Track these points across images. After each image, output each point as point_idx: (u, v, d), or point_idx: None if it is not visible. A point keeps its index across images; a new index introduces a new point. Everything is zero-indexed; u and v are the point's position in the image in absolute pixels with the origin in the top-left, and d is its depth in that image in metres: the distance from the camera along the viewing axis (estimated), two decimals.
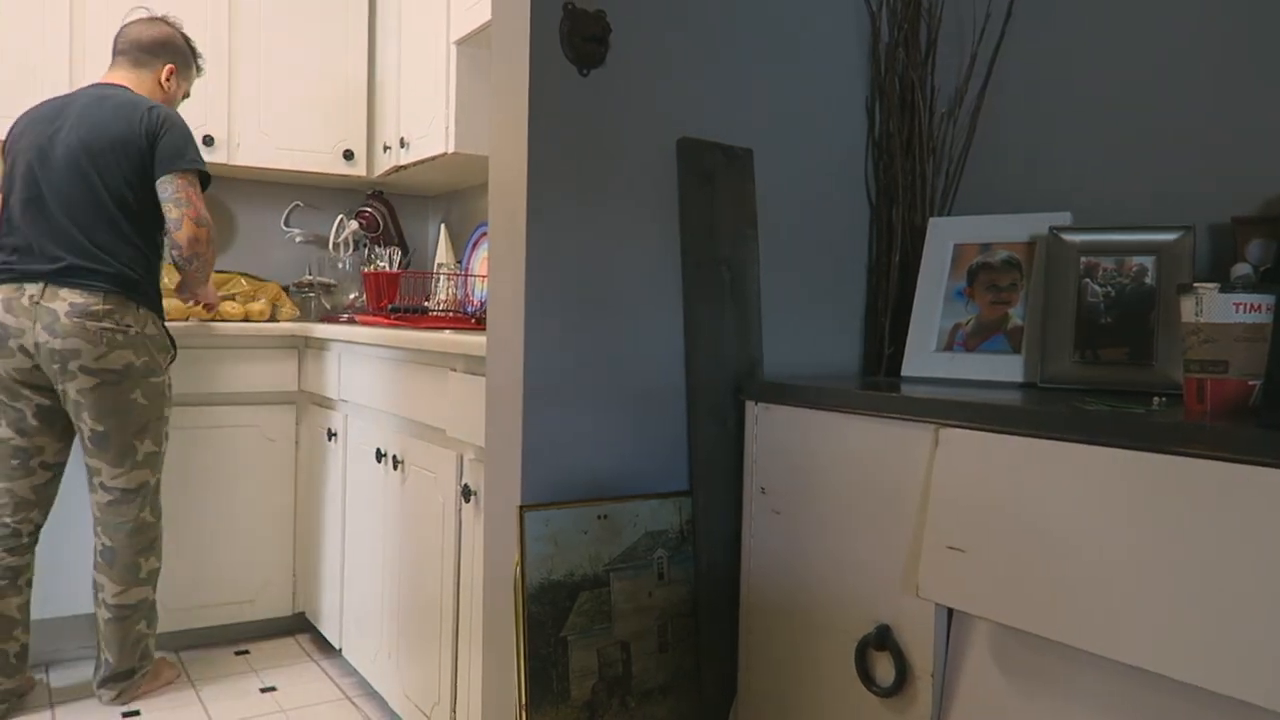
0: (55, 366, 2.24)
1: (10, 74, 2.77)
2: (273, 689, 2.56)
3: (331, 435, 2.63)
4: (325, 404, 2.75)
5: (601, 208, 1.40)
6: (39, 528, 2.37)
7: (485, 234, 2.85)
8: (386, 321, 2.63)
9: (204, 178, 2.41)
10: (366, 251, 3.30)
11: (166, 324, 2.44)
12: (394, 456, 2.19)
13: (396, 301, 2.83)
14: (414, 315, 2.69)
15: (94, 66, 2.82)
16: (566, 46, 1.35)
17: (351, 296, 3.37)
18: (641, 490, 1.45)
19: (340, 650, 2.60)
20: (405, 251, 3.35)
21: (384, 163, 3.23)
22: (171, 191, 2.35)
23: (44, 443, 2.34)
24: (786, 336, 1.60)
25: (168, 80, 2.52)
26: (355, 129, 3.28)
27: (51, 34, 2.81)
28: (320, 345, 2.74)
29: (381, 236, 3.34)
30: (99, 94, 2.39)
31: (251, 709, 2.43)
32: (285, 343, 2.86)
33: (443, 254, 3.22)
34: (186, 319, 2.83)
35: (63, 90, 2.76)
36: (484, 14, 2.49)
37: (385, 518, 2.27)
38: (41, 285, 2.24)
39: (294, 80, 3.17)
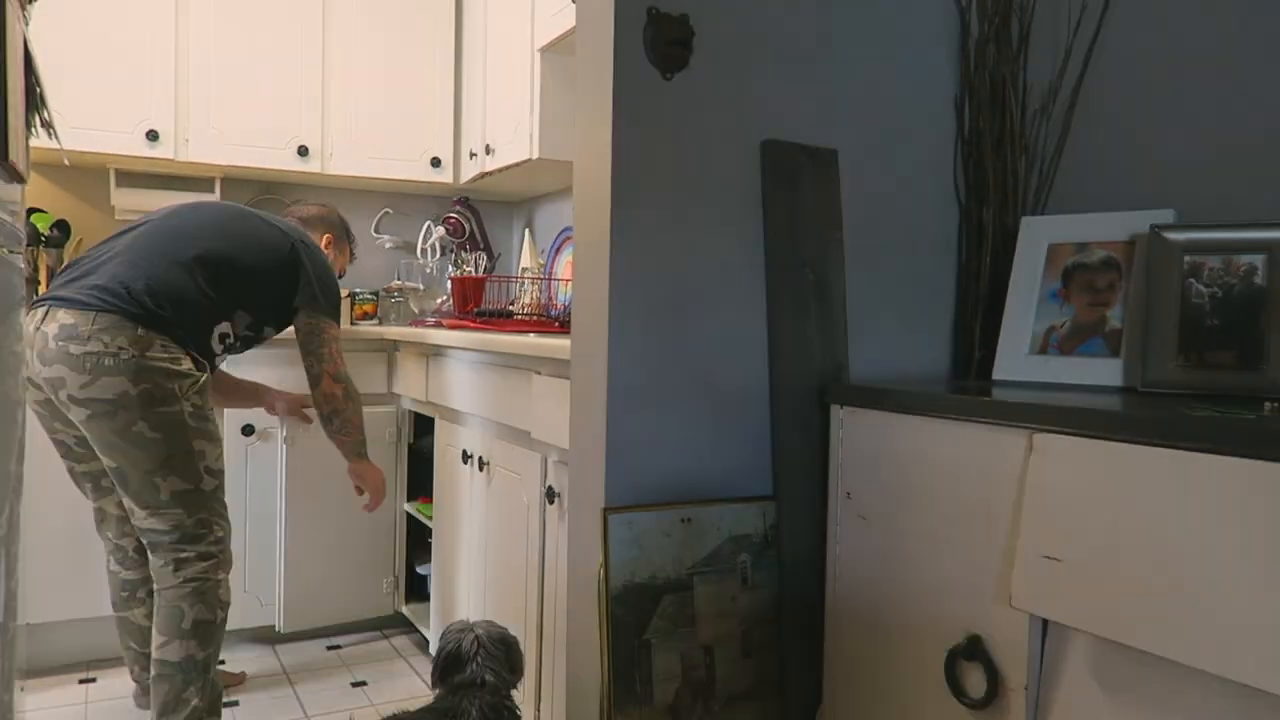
0: (52, 397, 2.00)
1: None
2: (363, 684, 2.62)
3: (422, 438, 2.69)
4: (415, 407, 2.81)
5: (685, 211, 1.40)
6: (136, 546, 2.28)
7: (568, 238, 2.88)
8: (472, 325, 2.68)
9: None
10: (453, 256, 3.37)
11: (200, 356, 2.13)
12: (480, 458, 2.23)
13: (482, 305, 2.88)
14: (499, 319, 2.73)
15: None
16: (650, 51, 1.35)
17: (439, 301, 3.44)
18: (724, 494, 1.44)
19: (430, 647, 2.65)
20: (490, 256, 3.40)
21: (470, 169, 3.29)
22: (312, 344, 2.26)
23: (97, 466, 2.17)
24: (872, 340, 1.58)
25: (326, 248, 2.56)
26: (442, 137, 3.35)
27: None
28: (409, 349, 2.80)
29: (467, 242, 3.40)
30: (245, 213, 2.31)
31: (343, 702, 2.50)
32: (375, 346, 2.93)
33: (526, 258, 3.27)
34: None
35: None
36: (568, 21, 2.52)
37: (471, 518, 2.31)
38: (44, 310, 2.00)
39: (383, 90, 3.26)
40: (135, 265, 2.06)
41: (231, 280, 2.16)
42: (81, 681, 2.58)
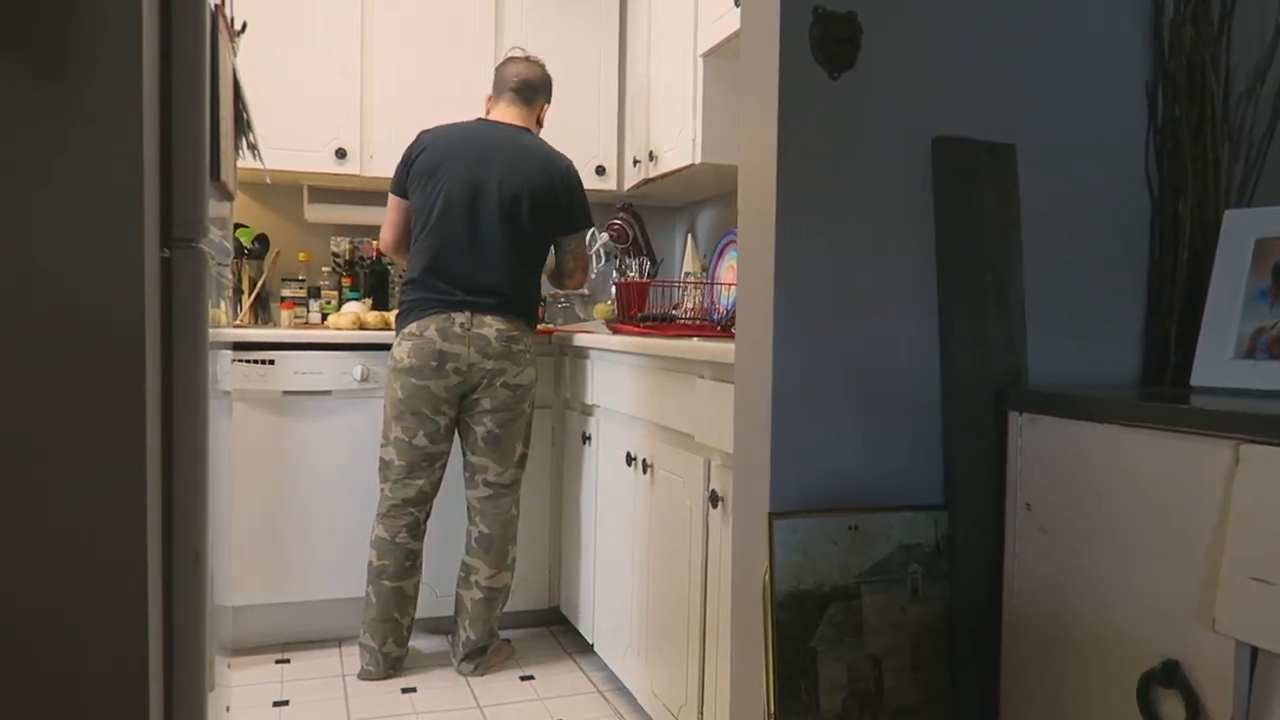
0: (482, 382, 2.61)
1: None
2: (530, 677, 2.71)
3: (586, 439, 2.75)
4: (580, 408, 2.88)
5: (852, 212, 1.37)
6: (428, 518, 2.71)
7: (730, 242, 2.88)
8: (637, 330, 2.72)
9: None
10: (617, 262, 3.43)
11: None
12: (643, 460, 2.26)
13: (645, 310, 2.92)
14: (662, 323, 2.76)
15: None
16: (816, 50, 1.33)
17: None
18: (891, 502, 1.40)
19: (592, 645, 2.71)
20: (653, 261, 3.45)
21: (633, 176, 3.35)
22: (573, 246, 2.82)
23: (445, 449, 2.68)
24: (1054, 343, 1.50)
25: (542, 115, 2.86)
26: (607, 144, 3.42)
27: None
28: (576, 353, 2.88)
29: (631, 247, 3.46)
30: (513, 140, 2.71)
31: (512, 694, 2.59)
32: (543, 350, 3.02)
33: (689, 263, 3.29)
34: None
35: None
36: (730, 26, 2.52)
37: (634, 520, 2.34)
38: (469, 314, 2.58)
39: (557, 100, 3.35)
40: (507, 266, 2.66)
41: (539, 250, 2.79)
42: (278, 662, 2.79)
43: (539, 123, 2.86)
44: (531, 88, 2.79)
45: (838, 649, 1.33)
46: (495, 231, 2.62)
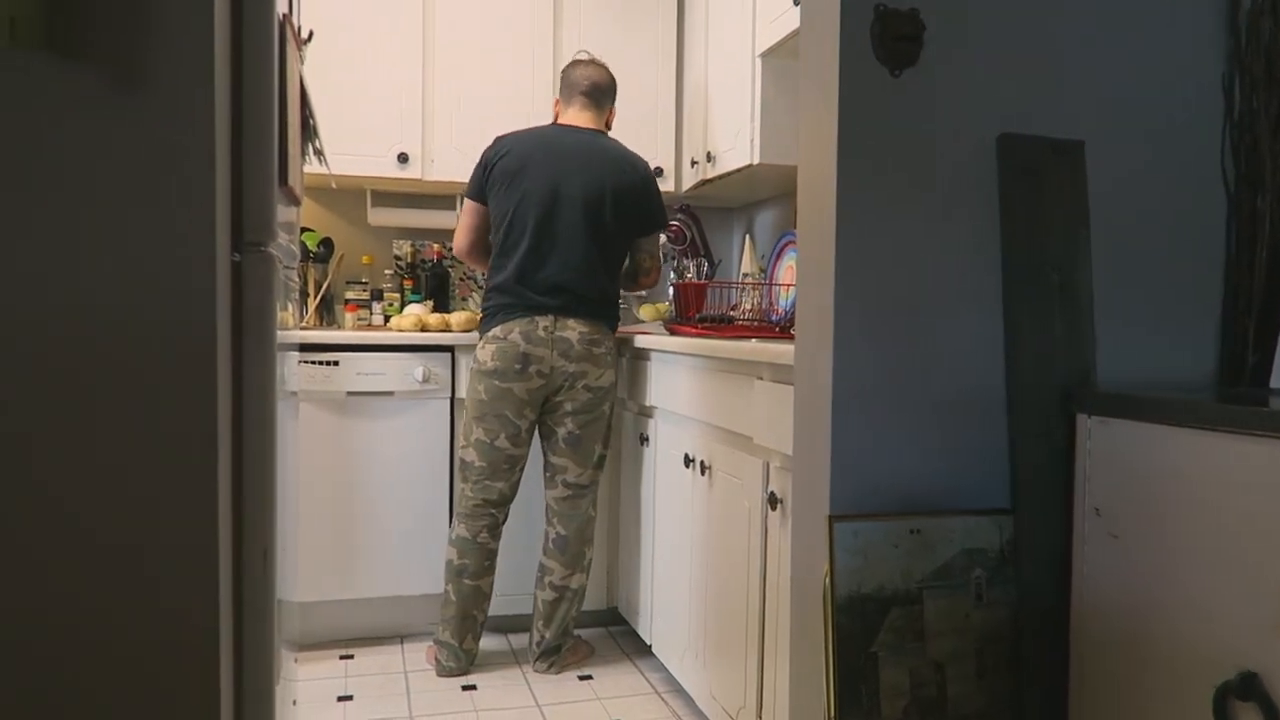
0: (565, 385, 2.64)
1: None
2: (589, 677, 2.72)
3: (644, 440, 2.76)
4: (638, 410, 2.89)
5: (914, 211, 1.35)
6: (506, 519, 2.74)
7: (789, 243, 2.86)
8: (695, 331, 2.71)
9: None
10: (674, 263, 3.43)
11: None
12: (701, 462, 2.25)
13: (703, 311, 2.91)
14: (720, 325, 2.75)
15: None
16: (878, 48, 1.32)
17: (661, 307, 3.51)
18: (954, 505, 1.38)
19: (650, 646, 2.71)
20: (711, 263, 3.44)
21: (690, 178, 3.34)
22: (651, 246, 2.84)
23: (525, 452, 2.71)
24: (1125, 343, 1.46)
25: (611, 119, 2.89)
26: (664, 146, 3.43)
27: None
28: (635, 354, 2.88)
29: (689, 248, 3.45)
30: (592, 144, 2.72)
31: (571, 694, 2.60)
32: None
33: (747, 264, 3.27)
34: None
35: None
36: (789, 25, 2.50)
37: (692, 521, 2.34)
38: (552, 318, 2.61)
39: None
40: (589, 269, 2.68)
41: (617, 251, 2.82)
42: (342, 657, 2.84)
43: (608, 125, 2.87)
44: (601, 90, 2.80)
45: (899, 654, 1.32)
46: (578, 235, 2.64)
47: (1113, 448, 1.28)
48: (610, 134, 2.85)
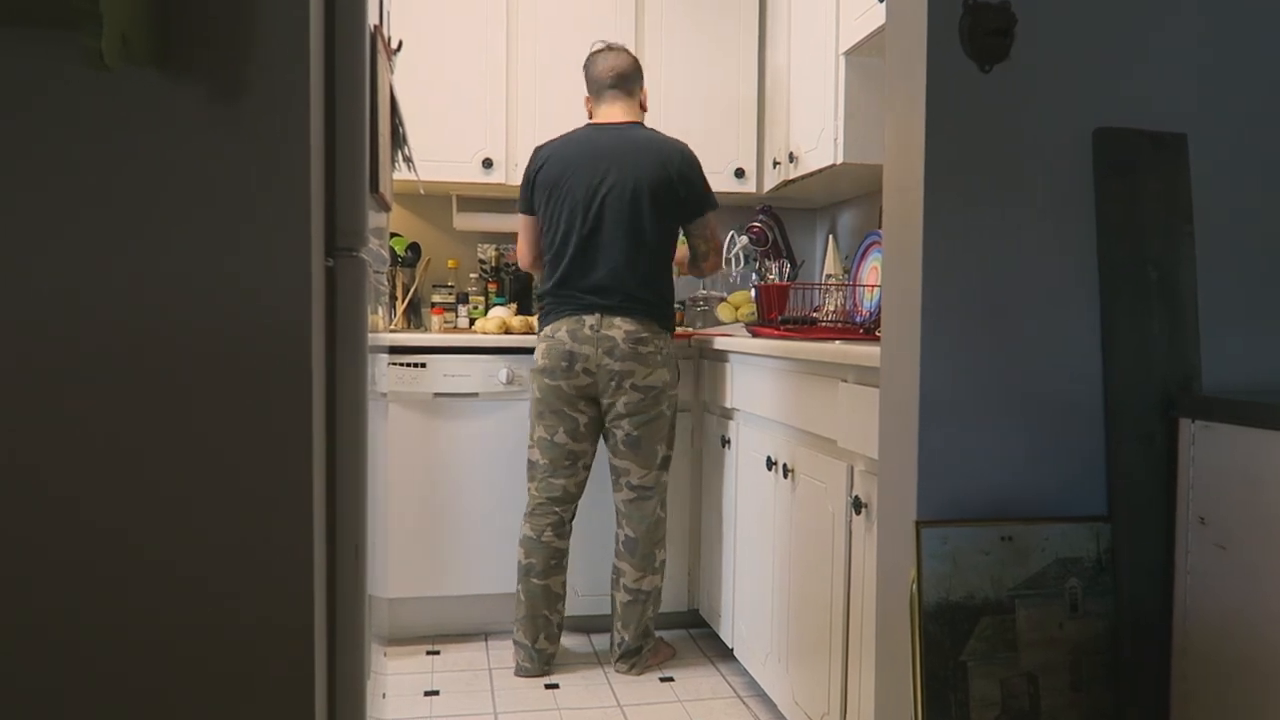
0: (612, 384, 2.63)
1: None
2: (670, 679, 2.72)
3: (725, 442, 2.75)
4: (719, 412, 2.88)
5: (1004, 209, 1.32)
6: (573, 518, 2.77)
7: (874, 243, 2.81)
8: (777, 333, 2.69)
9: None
10: (756, 265, 3.41)
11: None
12: (784, 465, 2.23)
13: (786, 313, 2.89)
14: (803, 326, 2.72)
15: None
16: (966, 43, 1.29)
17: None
18: (1044, 512, 1.34)
19: (732, 650, 2.70)
20: (793, 264, 3.41)
21: (773, 179, 3.32)
22: (700, 230, 2.79)
23: (587, 448, 2.72)
24: (1230, 345, 1.39)
25: (644, 100, 2.88)
26: (745, 147, 3.41)
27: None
28: (715, 356, 2.87)
29: (770, 250, 3.43)
30: (627, 138, 2.72)
31: (653, 695, 2.61)
32: (683, 353, 3.03)
33: (830, 265, 3.23)
34: None
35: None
36: (873, 22, 2.46)
37: (774, 525, 2.32)
38: (599, 316, 2.62)
39: (694, 105, 3.36)
40: (634, 266, 2.67)
41: (665, 242, 2.77)
42: (428, 653, 2.90)
43: (643, 108, 2.85)
44: (627, 77, 2.78)
45: (990, 664, 1.28)
46: (620, 233, 2.64)
47: (1219, 454, 1.22)
48: (645, 115, 2.83)
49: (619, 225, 2.64)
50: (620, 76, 2.78)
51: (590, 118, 2.84)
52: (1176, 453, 1.30)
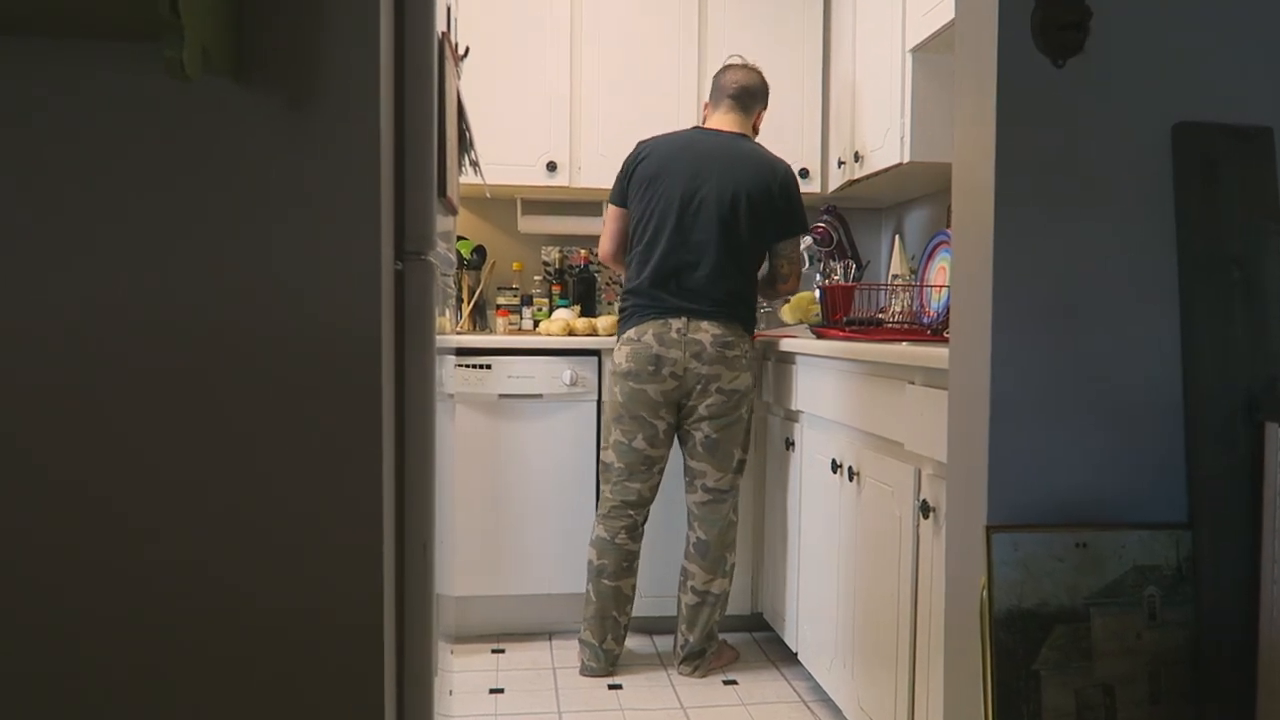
0: (698, 387, 2.64)
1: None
2: (734, 682, 2.71)
3: (789, 445, 2.73)
4: (784, 414, 2.86)
5: (1080, 208, 1.29)
6: (646, 521, 2.77)
7: (942, 243, 2.76)
8: (842, 334, 2.66)
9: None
10: (821, 265, 3.37)
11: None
12: (849, 468, 2.21)
13: (851, 314, 2.85)
14: (869, 328, 2.69)
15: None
16: (1039, 38, 1.26)
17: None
18: (1124, 518, 1.30)
19: (796, 654, 2.68)
20: (858, 264, 3.37)
21: (837, 178, 3.29)
22: (788, 251, 2.80)
23: (664, 453, 2.73)
24: None
25: (759, 122, 2.89)
26: (810, 146, 3.38)
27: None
28: (780, 357, 2.86)
29: (835, 250, 3.39)
30: (730, 147, 2.73)
31: (716, 698, 2.60)
32: None
33: (896, 265, 3.18)
34: None
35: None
36: (942, 18, 2.42)
37: (839, 528, 2.29)
38: (685, 320, 2.62)
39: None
40: (723, 271, 2.67)
41: (754, 255, 2.79)
42: (493, 651, 2.93)
43: (755, 129, 2.85)
44: (749, 94, 2.80)
45: (1064, 674, 1.25)
46: (712, 238, 2.64)
47: None
48: (757, 138, 2.83)
49: (713, 229, 2.64)
50: (743, 90, 2.79)
51: (704, 123, 2.85)
52: (1262, 457, 1.25)
